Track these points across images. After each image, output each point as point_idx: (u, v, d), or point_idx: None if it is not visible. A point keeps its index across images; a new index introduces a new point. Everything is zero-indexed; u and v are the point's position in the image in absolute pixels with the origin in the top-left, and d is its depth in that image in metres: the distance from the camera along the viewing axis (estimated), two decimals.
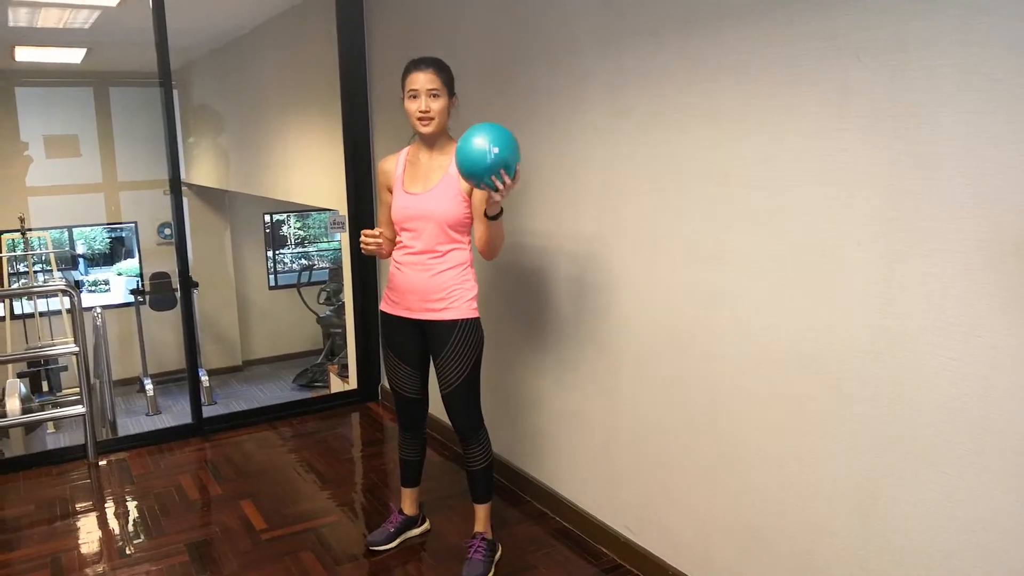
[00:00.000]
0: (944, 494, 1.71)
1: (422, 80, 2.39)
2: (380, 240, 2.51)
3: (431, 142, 2.48)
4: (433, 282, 2.45)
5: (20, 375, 7.31)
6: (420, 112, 2.40)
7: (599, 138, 2.57)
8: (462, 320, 2.46)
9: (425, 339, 2.56)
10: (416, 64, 2.42)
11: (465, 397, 2.57)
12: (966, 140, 1.58)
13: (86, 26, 5.86)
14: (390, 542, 2.85)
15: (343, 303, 7.44)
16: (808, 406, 2.00)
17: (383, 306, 2.63)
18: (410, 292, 2.49)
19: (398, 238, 2.55)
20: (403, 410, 2.76)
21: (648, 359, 2.50)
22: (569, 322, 2.84)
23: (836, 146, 1.84)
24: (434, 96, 2.39)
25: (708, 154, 2.19)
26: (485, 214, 2.30)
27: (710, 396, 2.29)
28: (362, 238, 2.49)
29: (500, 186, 2.12)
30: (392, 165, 2.58)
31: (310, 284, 10.30)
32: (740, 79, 2.06)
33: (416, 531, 2.94)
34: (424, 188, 2.46)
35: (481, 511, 2.71)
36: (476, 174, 2.11)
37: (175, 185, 3.83)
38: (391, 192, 2.56)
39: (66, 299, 7.44)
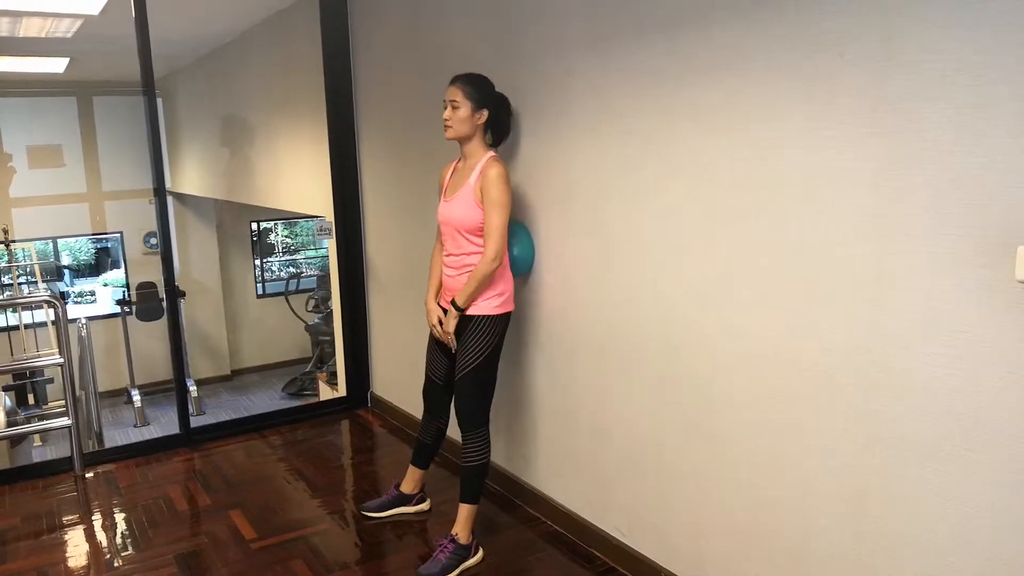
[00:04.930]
0: (935, 489, 1.71)
1: (448, 92, 2.66)
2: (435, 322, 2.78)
3: (466, 153, 2.71)
4: (457, 283, 2.69)
5: (5, 388, 7.23)
6: (443, 119, 2.66)
7: (586, 139, 2.57)
8: (479, 316, 2.66)
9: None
10: (451, 80, 2.68)
11: (471, 387, 2.70)
12: (951, 137, 1.59)
13: (68, 35, 5.82)
14: (380, 511, 3.09)
15: (331, 311, 7.40)
16: (798, 404, 2.00)
17: None
18: (446, 290, 2.78)
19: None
20: (425, 389, 2.97)
21: (638, 359, 2.50)
22: (558, 323, 2.83)
23: (822, 144, 1.84)
24: (453, 107, 2.64)
25: (695, 154, 2.19)
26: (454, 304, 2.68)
27: (701, 396, 2.29)
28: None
29: None
30: (446, 172, 2.83)
31: (298, 292, 10.24)
32: (726, 78, 2.06)
33: (410, 509, 3.11)
34: (452, 195, 2.71)
35: (462, 511, 2.73)
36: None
37: (160, 194, 3.82)
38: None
39: (51, 311, 7.38)
